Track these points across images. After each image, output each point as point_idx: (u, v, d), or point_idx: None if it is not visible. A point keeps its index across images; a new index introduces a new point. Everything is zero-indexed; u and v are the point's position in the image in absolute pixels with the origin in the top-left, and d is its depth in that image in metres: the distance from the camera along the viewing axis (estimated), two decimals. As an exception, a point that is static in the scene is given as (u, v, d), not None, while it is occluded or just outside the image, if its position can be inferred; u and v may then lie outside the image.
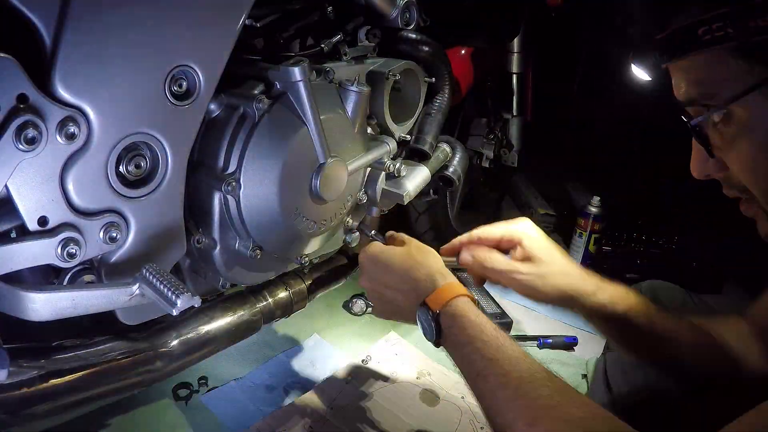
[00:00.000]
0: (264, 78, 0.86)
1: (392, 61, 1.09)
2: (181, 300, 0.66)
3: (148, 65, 0.70)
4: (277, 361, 1.32)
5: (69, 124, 0.64)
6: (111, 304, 0.69)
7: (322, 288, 1.14)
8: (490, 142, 1.90)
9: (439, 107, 1.14)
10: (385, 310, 0.92)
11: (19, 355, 0.73)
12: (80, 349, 0.79)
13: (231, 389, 1.22)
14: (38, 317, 0.64)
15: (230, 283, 0.92)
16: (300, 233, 0.92)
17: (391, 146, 1.03)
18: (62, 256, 0.67)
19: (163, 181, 0.76)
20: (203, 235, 0.84)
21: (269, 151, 0.84)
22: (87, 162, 0.68)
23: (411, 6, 1.09)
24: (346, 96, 0.95)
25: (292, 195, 0.88)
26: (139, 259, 0.76)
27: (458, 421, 1.17)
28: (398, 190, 1.03)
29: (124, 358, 0.83)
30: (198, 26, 0.73)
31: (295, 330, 1.43)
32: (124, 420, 1.11)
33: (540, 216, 2.14)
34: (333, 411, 1.15)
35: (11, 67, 0.58)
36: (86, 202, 0.69)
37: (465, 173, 1.23)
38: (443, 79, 1.16)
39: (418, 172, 1.08)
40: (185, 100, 0.75)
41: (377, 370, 1.31)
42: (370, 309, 1.52)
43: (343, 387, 1.22)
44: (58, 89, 0.63)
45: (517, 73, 1.86)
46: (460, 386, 1.28)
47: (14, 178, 0.62)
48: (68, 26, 0.61)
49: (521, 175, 2.35)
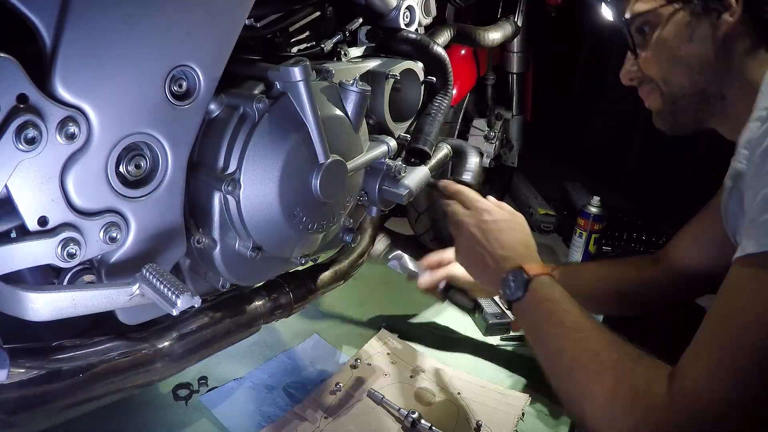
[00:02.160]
0: (264, 78, 0.86)
1: (392, 61, 1.09)
2: (181, 300, 0.66)
3: (148, 65, 0.70)
4: (277, 361, 1.32)
5: (69, 124, 0.64)
6: (111, 304, 0.69)
7: (322, 288, 1.14)
8: (490, 142, 1.90)
9: (439, 107, 1.14)
10: (472, 259, 1.01)
11: (19, 355, 0.73)
12: (80, 349, 0.79)
13: (231, 389, 1.22)
14: (38, 317, 0.64)
15: (230, 283, 0.92)
16: (300, 233, 0.92)
17: (391, 146, 1.03)
18: (62, 256, 0.67)
19: (163, 181, 0.76)
20: (203, 235, 0.84)
21: (269, 151, 0.84)
22: (87, 162, 0.68)
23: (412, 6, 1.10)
24: (346, 96, 0.95)
25: (292, 195, 0.88)
26: (139, 259, 0.76)
27: (455, 420, 1.17)
28: (398, 190, 1.03)
29: (124, 358, 0.83)
30: (198, 26, 0.73)
31: (295, 330, 1.43)
32: (124, 420, 1.11)
33: (540, 216, 2.14)
34: (327, 420, 1.14)
35: (11, 67, 0.58)
36: (86, 202, 0.69)
37: (482, 177, 1.24)
38: (443, 79, 1.16)
39: (418, 172, 1.07)
40: (185, 100, 0.75)
41: (370, 371, 1.29)
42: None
43: (335, 393, 1.20)
44: (58, 89, 0.63)
45: (517, 73, 1.87)
46: (455, 381, 1.27)
47: (14, 178, 0.62)
48: (68, 26, 0.61)
49: (521, 175, 2.35)
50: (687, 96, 0.87)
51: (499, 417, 1.17)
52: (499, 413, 1.19)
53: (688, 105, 0.88)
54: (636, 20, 0.88)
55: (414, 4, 1.15)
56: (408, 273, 1.53)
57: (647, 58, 0.89)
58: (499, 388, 1.27)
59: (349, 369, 1.29)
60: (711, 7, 0.81)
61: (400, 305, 1.56)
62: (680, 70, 0.86)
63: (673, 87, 0.88)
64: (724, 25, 0.81)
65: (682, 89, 0.87)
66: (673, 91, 0.88)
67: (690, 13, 0.83)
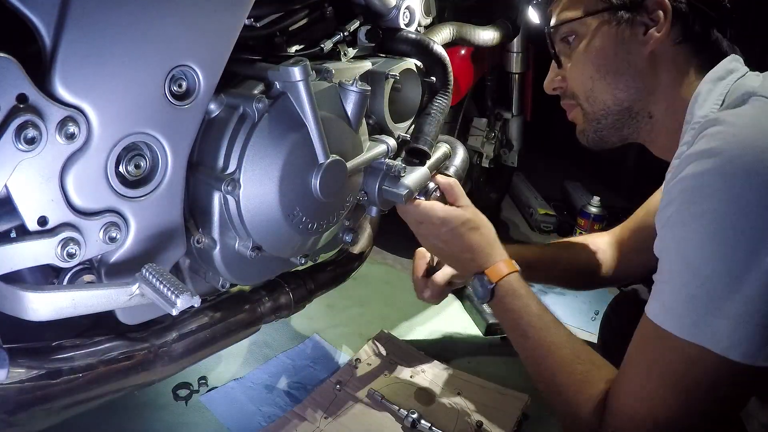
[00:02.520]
0: (264, 78, 0.86)
1: (392, 61, 1.09)
2: (181, 300, 0.66)
3: (147, 65, 0.70)
4: (277, 361, 1.32)
5: (69, 124, 0.64)
6: (111, 304, 0.69)
7: (322, 288, 1.14)
8: (490, 142, 1.90)
9: (439, 107, 1.14)
10: (442, 257, 1.09)
11: (19, 355, 0.73)
12: (80, 349, 0.79)
13: (231, 389, 1.22)
14: (38, 317, 0.64)
15: (230, 283, 0.92)
16: (300, 233, 0.92)
17: (391, 146, 1.03)
18: (62, 256, 0.67)
19: (163, 181, 0.76)
20: (203, 235, 0.84)
21: (269, 151, 0.84)
22: (87, 162, 0.68)
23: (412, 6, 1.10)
24: (345, 96, 0.95)
25: (292, 195, 0.88)
26: (139, 258, 0.76)
27: (455, 420, 1.17)
28: (398, 190, 1.03)
29: (124, 358, 0.83)
30: (198, 26, 0.73)
31: (295, 330, 1.43)
32: (124, 420, 1.11)
33: (540, 216, 2.14)
34: (327, 420, 1.14)
35: (11, 67, 0.58)
36: (86, 202, 0.69)
37: (466, 173, 1.23)
38: (443, 79, 1.16)
39: (417, 172, 1.07)
40: (185, 100, 0.75)
41: (370, 371, 1.29)
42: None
43: (335, 394, 1.21)
44: (58, 89, 0.63)
45: (517, 73, 1.87)
46: (455, 381, 1.27)
47: (14, 178, 0.62)
48: (68, 26, 0.61)
49: (521, 175, 2.35)
50: (611, 114, 0.84)
51: (499, 417, 1.17)
52: (499, 413, 1.19)
53: (612, 123, 0.85)
54: (561, 28, 0.85)
55: (414, 4, 1.15)
56: None
57: (571, 71, 0.86)
58: (499, 388, 1.27)
59: (349, 369, 1.29)
60: (638, 20, 0.79)
61: (400, 305, 1.56)
62: (603, 86, 0.83)
63: (596, 104, 0.85)
64: (652, 40, 0.78)
65: (605, 107, 0.84)
66: (596, 109, 0.85)
67: (617, 25, 0.80)
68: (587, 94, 0.85)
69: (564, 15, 0.85)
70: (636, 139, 0.87)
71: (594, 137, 0.89)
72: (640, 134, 0.86)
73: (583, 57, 0.83)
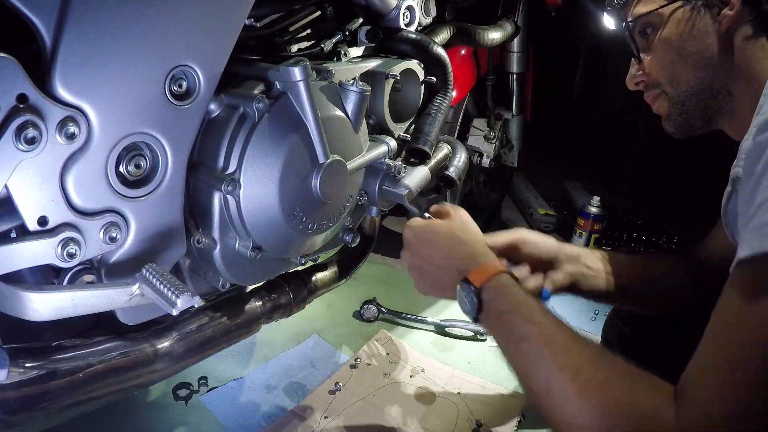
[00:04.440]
0: (264, 78, 0.86)
1: (392, 61, 1.09)
2: (181, 300, 0.66)
3: (148, 65, 0.70)
4: (277, 361, 1.32)
5: (69, 124, 0.64)
6: (111, 304, 0.69)
7: (322, 288, 1.14)
8: (490, 142, 1.90)
9: (439, 107, 1.14)
10: (426, 285, 0.93)
11: (19, 355, 0.73)
12: (80, 349, 0.79)
13: (231, 389, 1.22)
14: (38, 317, 0.64)
15: (230, 283, 0.92)
16: (300, 233, 0.92)
17: (391, 146, 1.03)
18: (62, 256, 0.67)
19: (163, 181, 0.76)
20: (203, 235, 0.84)
21: (269, 151, 0.84)
22: (87, 162, 0.68)
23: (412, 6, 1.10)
24: (346, 96, 0.95)
25: (292, 195, 0.88)
26: (139, 259, 0.76)
27: (455, 420, 1.17)
28: (398, 190, 1.03)
29: (124, 358, 0.83)
30: (198, 26, 0.73)
31: (295, 330, 1.43)
32: (124, 420, 1.11)
33: (540, 216, 2.14)
34: (327, 421, 1.14)
35: (11, 67, 0.58)
36: (86, 202, 0.69)
37: (465, 173, 1.23)
38: (443, 79, 1.16)
39: (418, 171, 1.07)
40: (185, 100, 0.75)
41: (369, 372, 1.29)
42: (381, 314, 1.52)
43: (336, 394, 1.21)
44: (58, 89, 0.63)
45: (517, 73, 1.87)
46: (455, 381, 1.28)
47: (14, 178, 0.62)
48: (68, 26, 0.61)
49: (521, 175, 2.35)
50: (694, 94, 0.88)
51: (499, 417, 1.17)
52: (499, 413, 1.19)
53: (696, 104, 0.88)
54: (638, 23, 0.89)
55: (414, 4, 1.15)
56: None
57: (651, 61, 0.90)
58: (499, 388, 1.27)
59: (349, 369, 1.29)
60: (711, 3, 0.83)
61: (400, 305, 1.56)
62: (685, 68, 0.87)
63: (679, 87, 0.88)
64: (725, 19, 0.82)
65: (688, 88, 0.88)
66: (680, 91, 0.88)
67: (690, 9, 0.84)
68: (670, 78, 0.88)
69: (640, 9, 0.89)
70: (717, 123, 0.90)
71: (680, 120, 0.91)
72: (721, 114, 0.89)
73: (662, 44, 0.87)
